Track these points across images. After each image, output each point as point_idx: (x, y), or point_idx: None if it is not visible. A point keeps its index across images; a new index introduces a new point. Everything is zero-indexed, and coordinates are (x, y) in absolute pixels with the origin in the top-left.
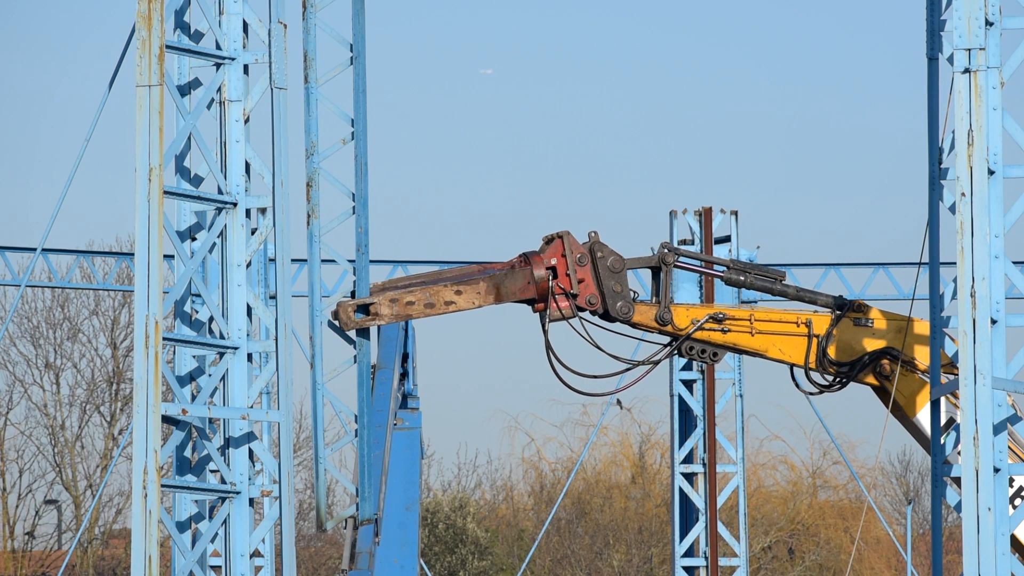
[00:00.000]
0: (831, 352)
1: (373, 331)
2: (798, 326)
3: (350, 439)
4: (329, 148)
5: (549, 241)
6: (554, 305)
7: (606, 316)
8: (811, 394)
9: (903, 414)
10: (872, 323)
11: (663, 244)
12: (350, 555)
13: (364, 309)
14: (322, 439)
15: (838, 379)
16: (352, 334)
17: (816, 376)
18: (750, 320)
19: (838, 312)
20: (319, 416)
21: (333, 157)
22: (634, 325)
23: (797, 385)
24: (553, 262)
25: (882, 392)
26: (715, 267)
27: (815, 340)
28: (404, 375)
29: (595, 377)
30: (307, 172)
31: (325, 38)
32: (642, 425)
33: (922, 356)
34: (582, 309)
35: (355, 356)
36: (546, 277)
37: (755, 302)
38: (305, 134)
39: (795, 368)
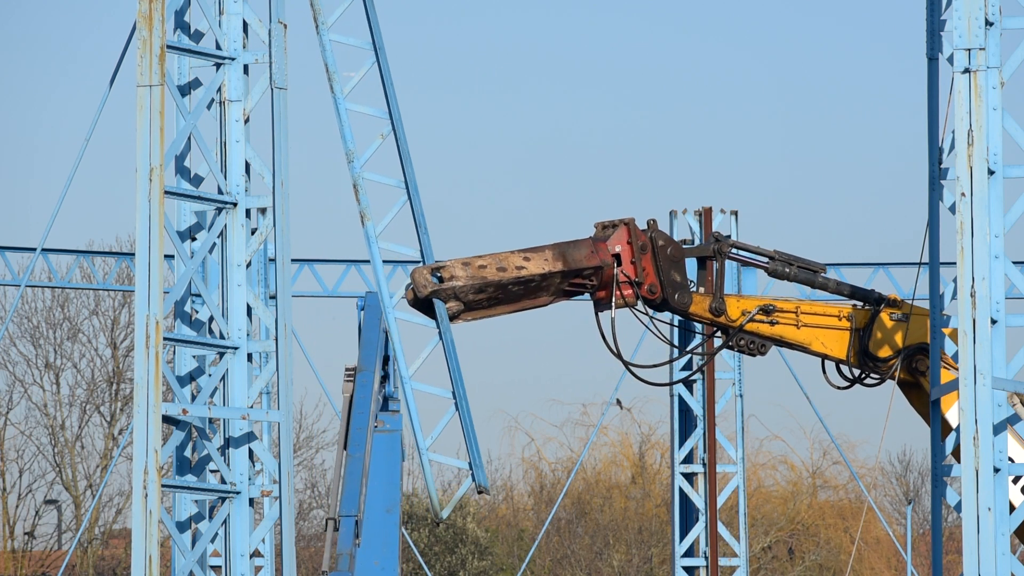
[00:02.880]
0: (870, 347)
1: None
2: (840, 319)
3: (451, 415)
4: (368, 149)
5: (607, 227)
6: (618, 293)
7: (662, 305)
8: (843, 388)
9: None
10: (908, 318)
11: (714, 234)
12: (331, 556)
13: (438, 276)
14: (420, 431)
15: (872, 374)
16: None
17: (847, 371)
18: (796, 312)
19: (875, 307)
20: (412, 410)
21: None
22: (688, 316)
23: (828, 380)
24: (618, 249)
25: (909, 387)
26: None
27: (856, 334)
28: (385, 377)
29: (655, 366)
30: (352, 177)
31: (336, 49)
32: (642, 425)
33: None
34: (641, 298)
35: (439, 332)
36: (611, 264)
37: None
38: (342, 142)
39: (826, 362)
